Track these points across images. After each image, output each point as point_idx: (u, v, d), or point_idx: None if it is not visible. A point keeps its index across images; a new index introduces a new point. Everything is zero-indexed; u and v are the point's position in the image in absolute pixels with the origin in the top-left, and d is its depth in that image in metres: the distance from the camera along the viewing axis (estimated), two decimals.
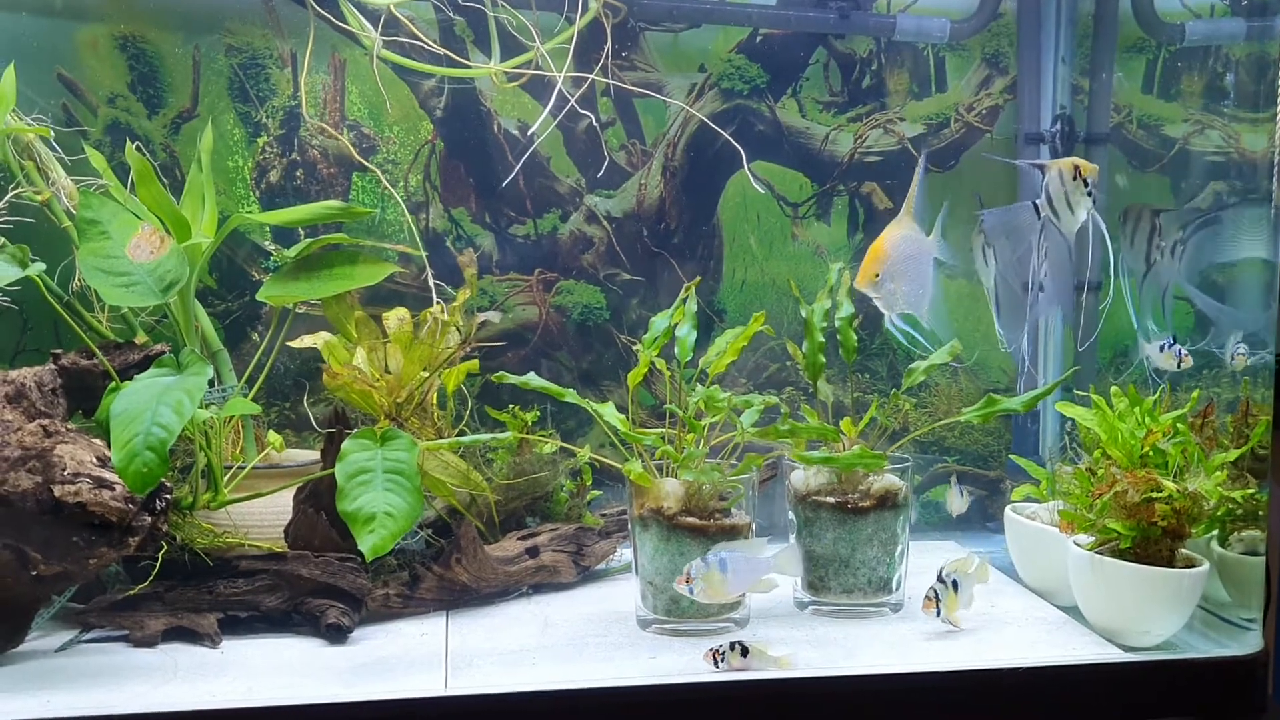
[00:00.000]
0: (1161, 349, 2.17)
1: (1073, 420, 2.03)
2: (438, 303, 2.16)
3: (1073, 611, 1.95)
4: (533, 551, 2.07)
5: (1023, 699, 1.74)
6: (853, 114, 2.50)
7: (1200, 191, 2.59)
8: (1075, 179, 1.94)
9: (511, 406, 2.17)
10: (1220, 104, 2.56)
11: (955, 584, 1.85)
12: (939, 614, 1.85)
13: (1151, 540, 1.79)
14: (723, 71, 2.44)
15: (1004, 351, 2.37)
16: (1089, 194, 1.93)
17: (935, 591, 1.85)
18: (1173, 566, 1.79)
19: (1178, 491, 1.75)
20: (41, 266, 1.83)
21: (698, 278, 2.20)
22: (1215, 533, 1.95)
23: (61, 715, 1.55)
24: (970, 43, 2.51)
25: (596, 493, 2.27)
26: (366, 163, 2.31)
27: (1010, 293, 2.18)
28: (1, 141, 1.95)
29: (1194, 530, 1.81)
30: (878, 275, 2.06)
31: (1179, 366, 2.16)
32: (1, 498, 1.65)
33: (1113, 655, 1.79)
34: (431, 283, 2.22)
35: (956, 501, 2.42)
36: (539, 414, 2.18)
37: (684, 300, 2.01)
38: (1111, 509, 1.80)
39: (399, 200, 2.32)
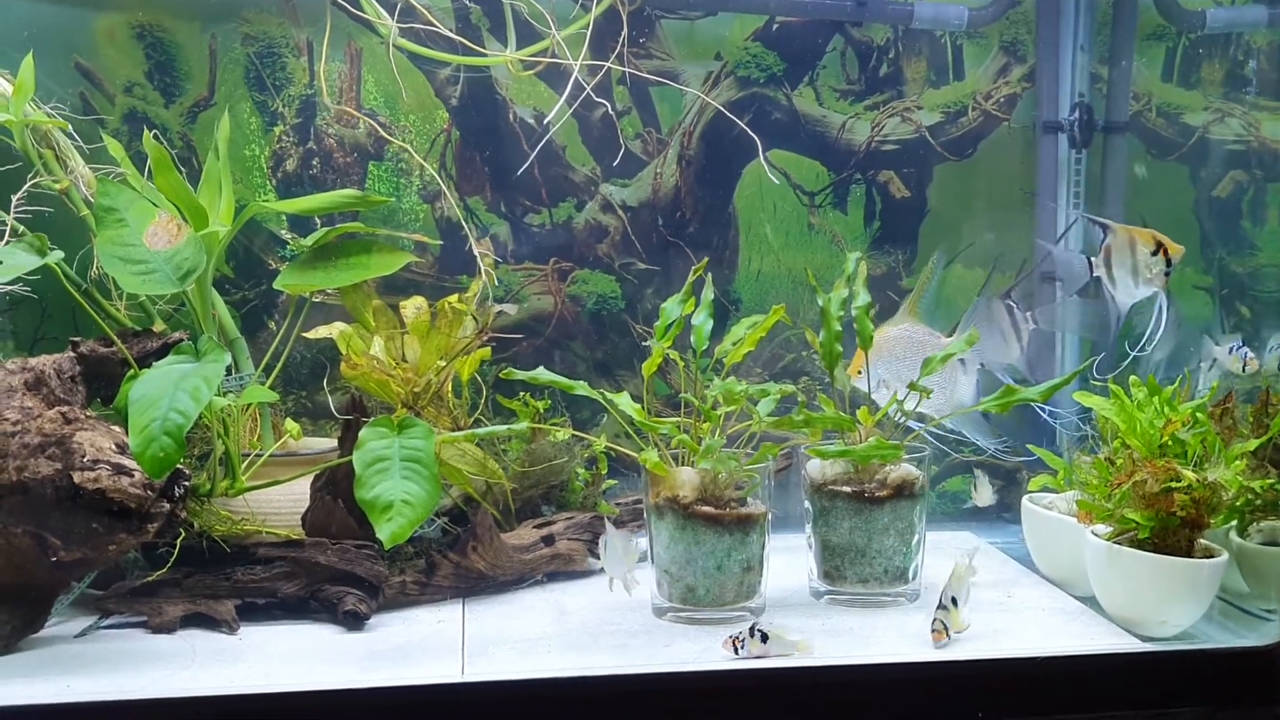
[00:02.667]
0: (1231, 351, 2.17)
1: (1080, 408, 2.03)
2: (485, 273, 2.16)
3: (1090, 601, 1.94)
4: (548, 540, 2.07)
5: (1039, 689, 1.73)
6: (870, 102, 2.49)
7: (1220, 180, 2.57)
8: (1156, 254, 1.86)
9: (522, 394, 2.17)
10: (1241, 92, 2.54)
11: (954, 600, 1.82)
12: (948, 638, 1.77)
13: (1170, 530, 1.78)
14: (739, 59, 2.43)
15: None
16: (1166, 273, 1.86)
17: (942, 623, 1.76)
18: (1191, 557, 1.78)
19: (1197, 481, 1.73)
20: (60, 255, 1.83)
21: (705, 259, 2.13)
22: (1234, 523, 1.93)
23: (81, 700, 1.56)
24: (988, 30, 2.49)
25: (612, 482, 2.27)
26: (393, 139, 2.31)
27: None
28: (21, 130, 1.96)
29: (1213, 520, 1.79)
30: (859, 373, 2.08)
31: (1243, 369, 2.15)
32: (21, 484, 1.66)
33: (1130, 645, 1.79)
34: (478, 252, 2.21)
35: (986, 492, 2.41)
36: (549, 402, 2.18)
37: (694, 283, 1.99)
38: (1130, 499, 1.79)
39: (434, 173, 2.32)
